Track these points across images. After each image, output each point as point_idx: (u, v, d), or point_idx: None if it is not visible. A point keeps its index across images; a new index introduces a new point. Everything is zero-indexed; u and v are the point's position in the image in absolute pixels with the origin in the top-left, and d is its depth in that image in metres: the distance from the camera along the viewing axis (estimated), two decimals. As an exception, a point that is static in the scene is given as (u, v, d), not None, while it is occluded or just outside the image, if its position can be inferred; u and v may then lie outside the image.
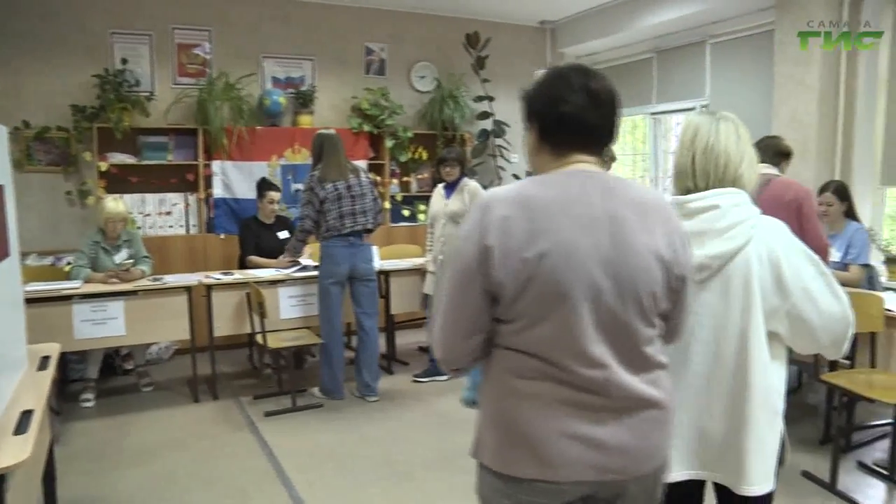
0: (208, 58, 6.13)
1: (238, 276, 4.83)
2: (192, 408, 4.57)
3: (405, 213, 6.93)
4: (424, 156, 6.97)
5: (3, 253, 2.42)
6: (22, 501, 2.15)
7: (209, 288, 4.66)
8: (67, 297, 4.29)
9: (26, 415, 2.16)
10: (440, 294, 1.51)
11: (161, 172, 5.92)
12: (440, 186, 5.15)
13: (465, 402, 2.20)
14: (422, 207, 6.85)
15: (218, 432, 4.14)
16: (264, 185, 5.45)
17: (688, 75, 6.74)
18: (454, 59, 7.06)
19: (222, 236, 6.03)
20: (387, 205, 6.66)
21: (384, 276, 5.25)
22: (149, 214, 5.89)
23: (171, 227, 5.98)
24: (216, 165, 6.01)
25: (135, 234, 4.95)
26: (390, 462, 3.69)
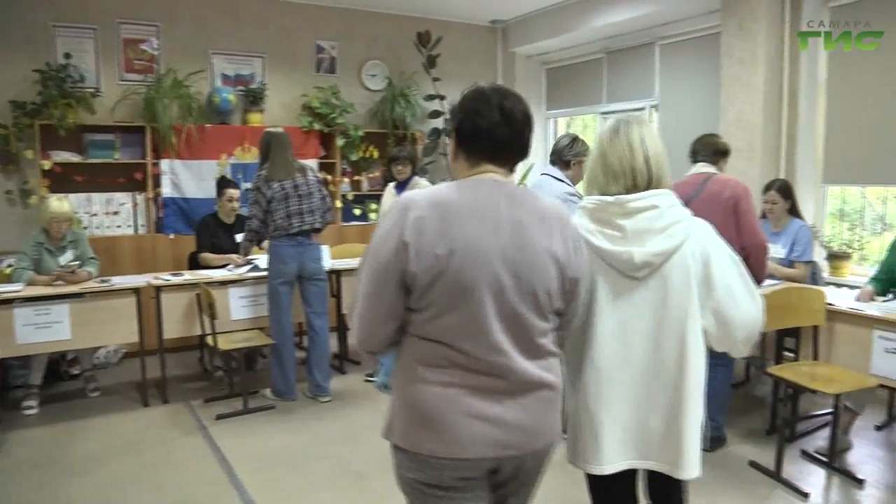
0: (156, 54, 6.00)
1: (188, 276, 4.75)
2: (142, 412, 4.47)
3: (356, 211, 6.90)
4: (375, 154, 6.95)
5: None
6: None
7: (158, 289, 4.57)
8: (9, 301, 4.15)
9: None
10: (359, 284, 1.65)
11: (108, 171, 5.77)
12: (391, 185, 5.12)
13: (378, 386, 2.26)
14: (373, 206, 6.84)
15: (168, 437, 4.06)
16: (223, 183, 5.36)
17: (637, 76, 6.85)
18: (405, 57, 7.05)
19: (172, 236, 5.92)
20: (338, 204, 6.62)
21: (335, 275, 5.22)
22: (95, 214, 5.75)
23: (118, 227, 5.84)
24: (165, 164, 5.89)
25: (81, 234, 4.82)
26: (343, 463, 3.67)
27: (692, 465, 1.93)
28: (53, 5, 5.60)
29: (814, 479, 3.47)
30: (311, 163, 6.26)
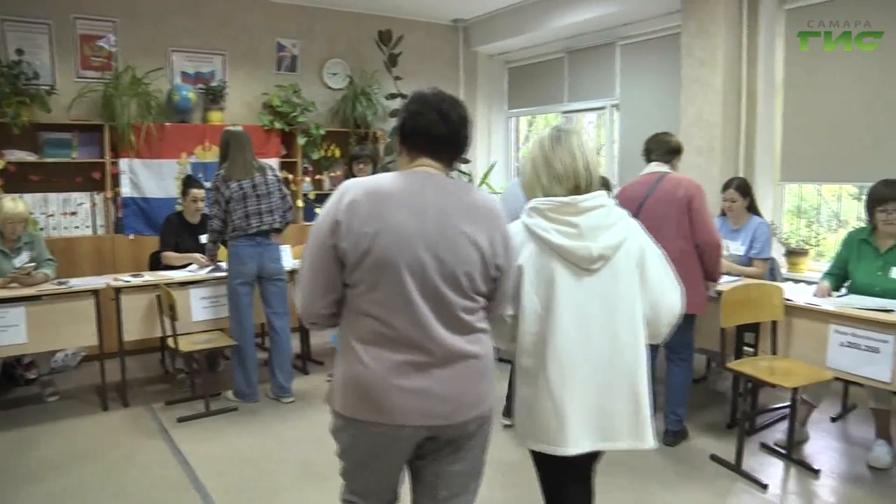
0: (113, 50, 5.88)
1: (148, 278, 4.67)
2: (101, 417, 4.38)
3: (318, 211, 6.80)
4: (337, 153, 6.90)
5: None
6: None
7: (118, 291, 4.48)
8: (-39, 304, 4.04)
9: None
10: (303, 260, 1.86)
11: (65, 170, 5.64)
12: (353, 184, 5.08)
13: (334, 342, 2.31)
14: (334, 206, 6.78)
15: (128, 441, 3.99)
16: (188, 183, 5.27)
17: (598, 75, 6.92)
18: (366, 56, 7.03)
19: (131, 237, 5.82)
20: (299, 203, 6.56)
21: (295, 274, 5.15)
22: (52, 215, 5.61)
23: (76, 227, 5.72)
24: (124, 163, 5.78)
25: (37, 235, 4.70)
26: (307, 464, 3.64)
27: (651, 438, 2.13)
28: (3, -1, 5.45)
29: (772, 471, 3.55)
30: (273, 162, 6.22)
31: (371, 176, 1.87)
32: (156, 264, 5.19)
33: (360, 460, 1.89)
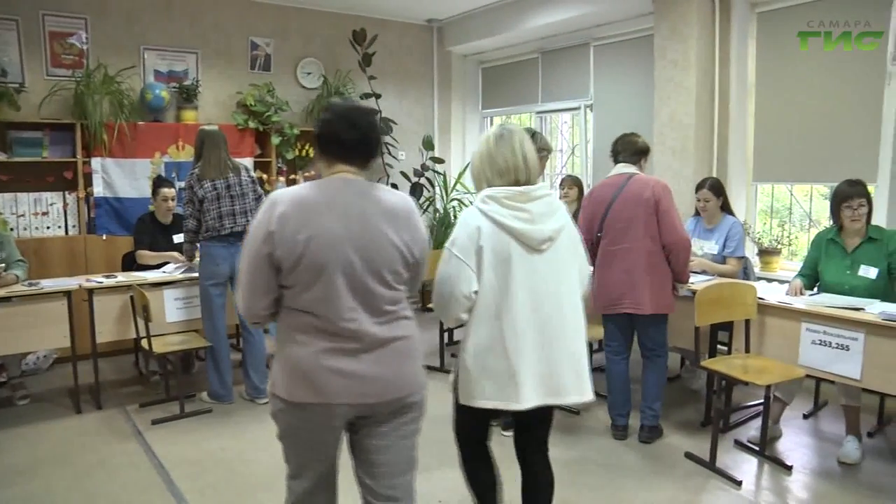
0: (85, 48, 5.79)
1: (121, 278, 4.61)
2: (74, 420, 4.32)
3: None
4: (311, 153, 6.83)
5: None
6: None
7: (90, 292, 4.42)
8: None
9: None
10: (242, 267, 2.03)
11: (36, 170, 5.55)
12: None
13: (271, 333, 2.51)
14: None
15: (102, 444, 3.93)
16: (157, 182, 5.21)
17: (572, 76, 6.96)
18: (341, 55, 7.01)
19: (104, 237, 5.75)
20: (274, 203, 6.51)
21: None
22: (23, 215, 5.52)
23: (48, 228, 5.63)
24: (96, 162, 5.70)
25: (7, 236, 4.61)
26: (281, 465, 3.57)
27: (590, 392, 2.44)
28: (-32, -5, 5.35)
29: (746, 467, 3.59)
30: (247, 161, 6.18)
31: (295, 186, 2.03)
32: (129, 265, 5.12)
33: (298, 439, 2.06)
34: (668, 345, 3.93)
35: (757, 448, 3.72)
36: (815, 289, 3.96)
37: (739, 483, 3.38)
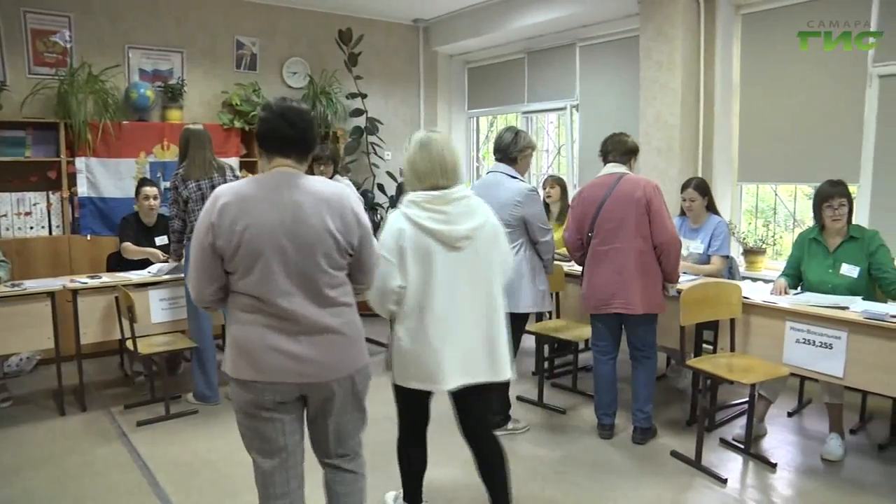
0: (68, 46, 5.75)
1: (106, 279, 4.57)
2: (58, 422, 4.28)
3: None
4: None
5: None
6: None
7: (75, 293, 4.37)
8: None
9: None
10: (190, 257, 2.21)
11: (18, 169, 5.50)
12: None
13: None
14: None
15: (86, 446, 3.90)
16: (140, 182, 5.18)
17: (558, 76, 6.98)
18: (327, 55, 7.00)
19: (89, 237, 5.70)
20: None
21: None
22: (5, 215, 5.46)
23: (31, 228, 5.58)
24: (80, 162, 5.66)
25: (-12, 236, 4.58)
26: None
27: (508, 372, 2.69)
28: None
29: (731, 466, 3.62)
30: (233, 161, 6.15)
31: (238, 181, 2.20)
32: (114, 265, 5.08)
33: (247, 416, 2.19)
34: (657, 345, 3.95)
35: (742, 446, 3.75)
36: (798, 288, 3.99)
37: (725, 481, 3.40)
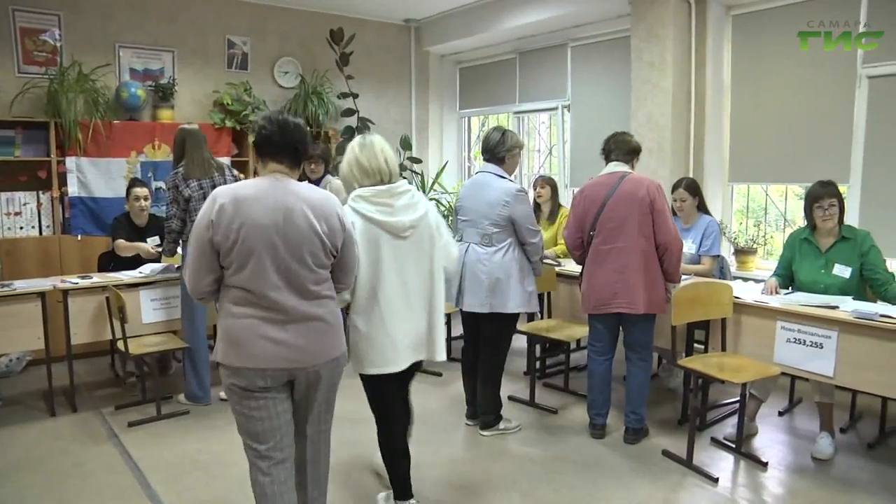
0: (58, 45, 5.72)
1: (96, 279, 4.55)
2: (48, 423, 4.26)
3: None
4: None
5: None
6: None
7: (65, 293, 4.35)
8: None
9: None
10: (189, 251, 2.40)
11: (8, 169, 5.47)
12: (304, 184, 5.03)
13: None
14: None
15: (76, 447, 3.88)
16: (131, 182, 5.15)
17: (550, 76, 6.99)
18: (318, 55, 7.00)
19: (79, 237, 5.67)
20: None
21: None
22: (-6, 215, 5.45)
23: (21, 228, 5.55)
24: (71, 162, 5.63)
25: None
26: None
27: (442, 353, 3.01)
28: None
29: (723, 465, 3.63)
30: (224, 160, 6.11)
31: (235, 183, 2.42)
32: (105, 265, 5.06)
33: (241, 402, 2.37)
34: (653, 346, 3.96)
35: (733, 445, 3.77)
36: (790, 288, 4.01)
37: (716, 480, 3.42)
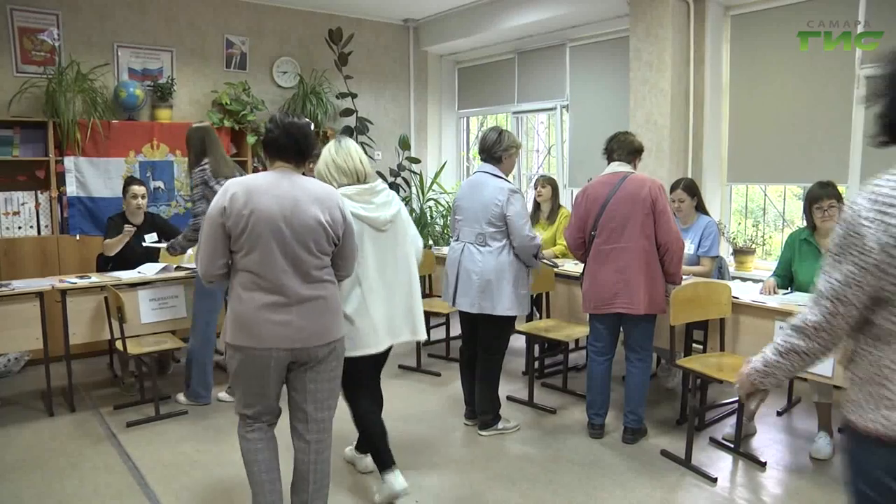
0: (56, 45, 5.71)
1: (95, 279, 4.54)
2: (46, 423, 4.25)
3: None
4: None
5: None
6: None
7: (64, 293, 4.34)
8: None
9: None
10: (202, 236, 2.59)
11: (6, 169, 5.47)
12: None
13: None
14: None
15: (75, 447, 3.88)
16: (127, 181, 5.12)
17: (548, 76, 6.99)
18: (316, 55, 7.00)
19: (78, 237, 5.67)
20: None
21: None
22: (-8, 214, 5.44)
23: (19, 227, 5.54)
24: (69, 161, 5.63)
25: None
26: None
27: (423, 333, 3.33)
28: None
29: (721, 465, 3.64)
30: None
31: (247, 176, 2.66)
32: (103, 265, 5.05)
33: (244, 377, 2.59)
34: (652, 347, 3.96)
35: (731, 445, 3.77)
36: (789, 288, 4.01)
37: (714, 480, 3.42)
